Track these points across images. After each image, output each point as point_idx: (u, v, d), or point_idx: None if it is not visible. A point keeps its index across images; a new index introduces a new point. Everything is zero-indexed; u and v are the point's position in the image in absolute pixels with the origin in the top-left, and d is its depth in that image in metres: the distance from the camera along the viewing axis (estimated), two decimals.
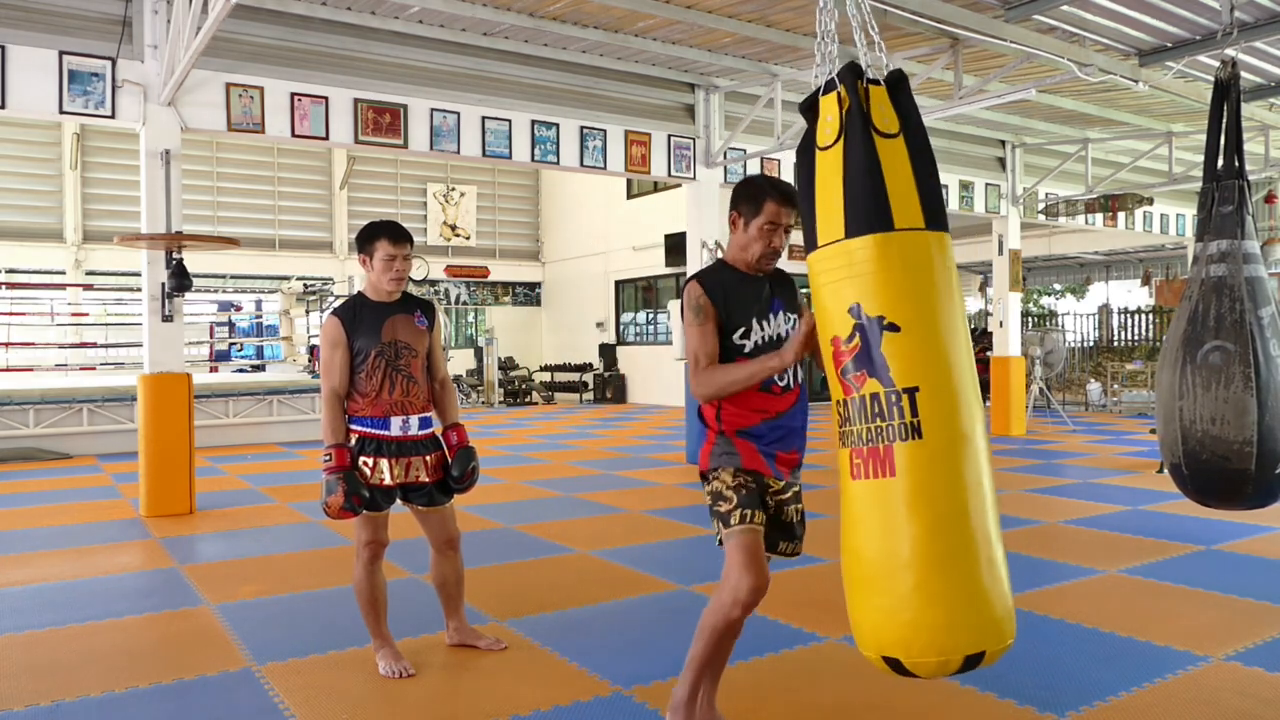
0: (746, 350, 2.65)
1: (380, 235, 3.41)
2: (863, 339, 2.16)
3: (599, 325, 20.19)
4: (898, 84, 2.29)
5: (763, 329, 2.67)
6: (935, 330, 2.15)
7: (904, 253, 2.16)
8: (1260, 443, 3.39)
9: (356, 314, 3.43)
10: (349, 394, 3.42)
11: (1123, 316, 19.95)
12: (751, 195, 2.67)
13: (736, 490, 2.60)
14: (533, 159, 8.49)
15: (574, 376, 20.04)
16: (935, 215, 2.21)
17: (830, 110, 2.28)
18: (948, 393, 2.12)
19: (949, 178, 11.57)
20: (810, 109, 2.35)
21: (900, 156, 2.21)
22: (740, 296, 2.67)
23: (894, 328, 2.13)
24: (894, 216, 2.16)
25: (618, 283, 19.79)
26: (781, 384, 2.64)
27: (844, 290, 2.19)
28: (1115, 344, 19.71)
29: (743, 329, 2.65)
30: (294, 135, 7.38)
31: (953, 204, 11.66)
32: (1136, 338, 19.49)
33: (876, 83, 2.27)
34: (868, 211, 2.17)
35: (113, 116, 6.65)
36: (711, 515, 2.66)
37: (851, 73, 2.27)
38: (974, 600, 2.07)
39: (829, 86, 2.30)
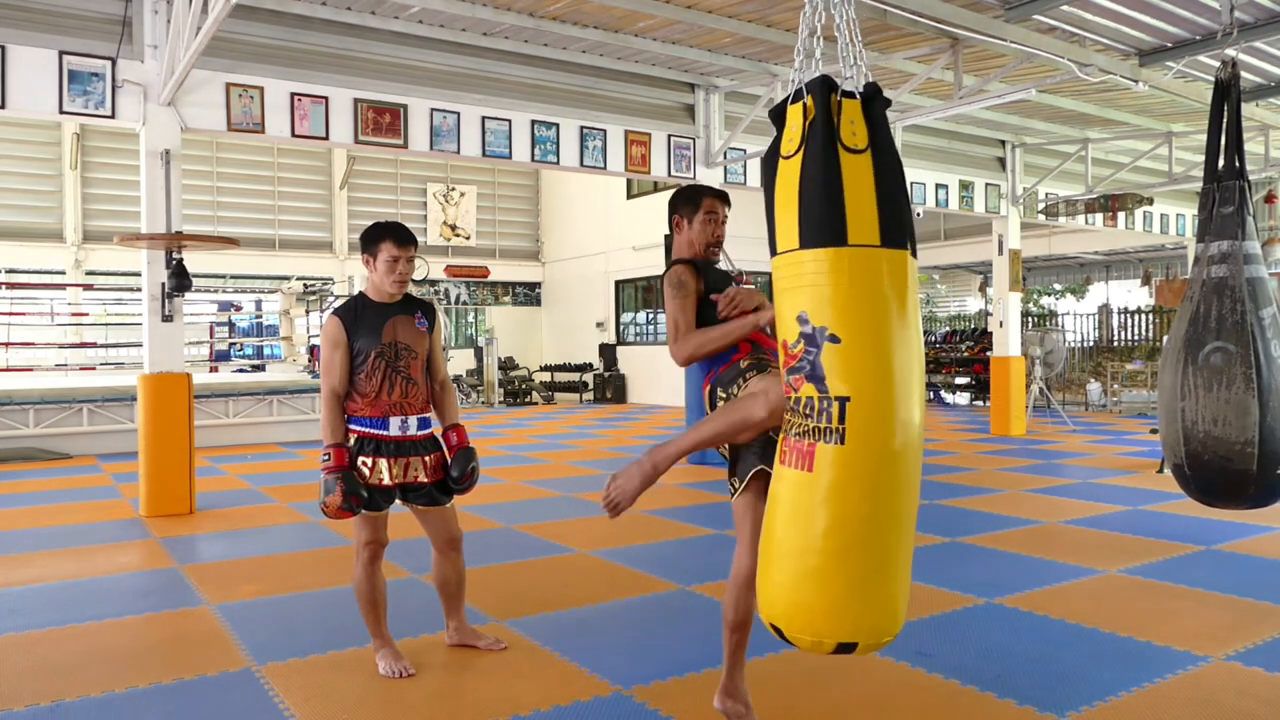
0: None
1: (385, 236, 3.41)
2: (807, 346, 2.27)
3: (599, 325, 20.19)
4: (873, 99, 2.33)
5: None
6: (875, 345, 2.24)
7: (854, 269, 2.24)
8: (1262, 443, 3.39)
9: (357, 314, 3.43)
10: (348, 394, 3.42)
11: (1123, 316, 19.95)
12: (689, 196, 3.06)
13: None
14: (533, 159, 8.48)
15: (574, 376, 20.04)
16: (893, 233, 2.28)
17: (795, 120, 2.34)
18: (878, 406, 2.23)
19: (949, 178, 11.58)
20: (780, 116, 2.40)
21: (865, 172, 2.27)
22: (711, 276, 3.00)
23: (835, 339, 2.23)
24: (848, 232, 2.24)
25: (618, 283, 19.79)
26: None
27: (794, 298, 2.31)
28: (1115, 344, 19.71)
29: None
30: (294, 135, 7.37)
31: (953, 204, 11.67)
32: (1136, 338, 19.50)
33: (851, 96, 2.31)
34: (821, 225, 2.25)
35: (113, 116, 6.65)
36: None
37: (822, 85, 2.31)
38: (857, 597, 2.24)
39: (797, 96, 2.35)
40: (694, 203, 3.04)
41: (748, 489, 2.78)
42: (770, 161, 2.41)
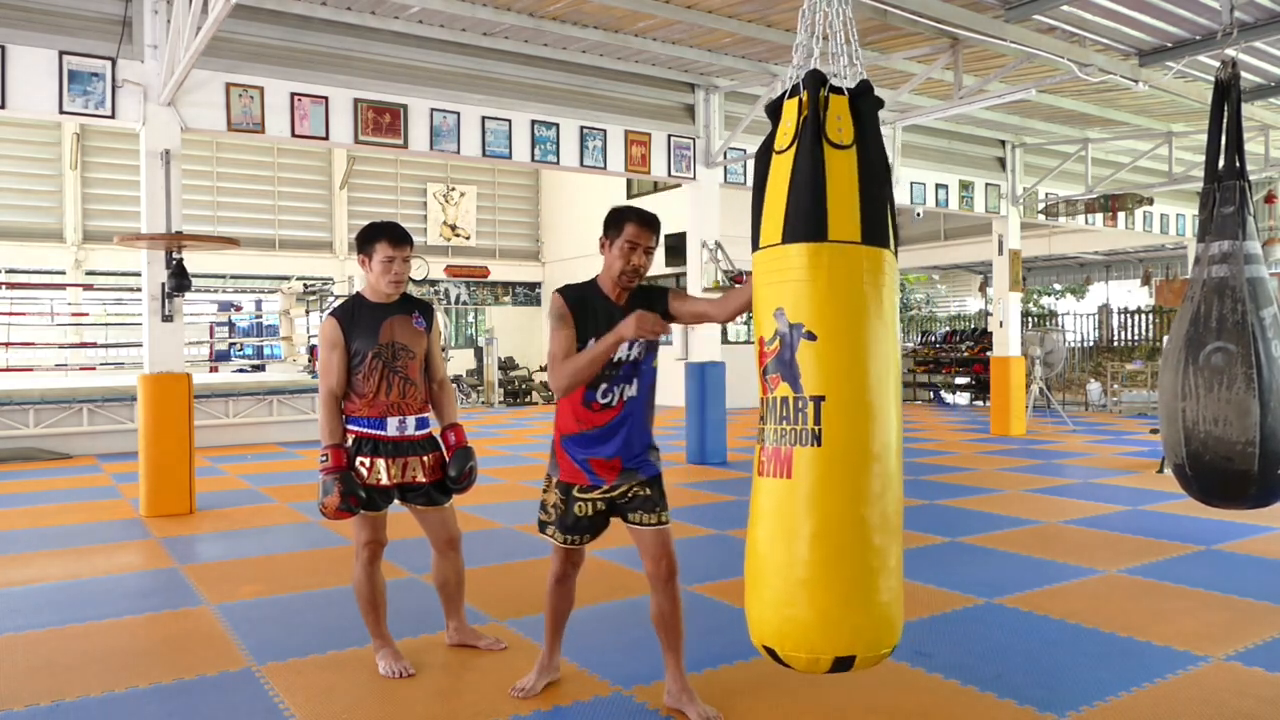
0: None
1: (380, 237, 3.40)
2: (782, 343, 2.24)
3: None
4: (861, 95, 2.32)
5: None
6: (853, 343, 2.21)
7: (833, 264, 2.21)
8: (1263, 443, 3.39)
9: (354, 315, 3.42)
10: (346, 395, 3.41)
11: (1123, 316, 19.96)
12: (614, 219, 2.94)
13: (555, 508, 3.08)
14: (533, 159, 8.48)
15: None
16: (874, 231, 2.25)
17: (790, 115, 2.33)
18: (855, 405, 2.19)
19: (949, 178, 11.57)
20: (775, 111, 2.40)
21: (848, 168, 2.25)
22: (594, 316, 2.91)
23: (811, 336, 2.20)
24: (829, 228, 2.21)
25: None
26: (602, 401, 2.93)
27: (773, 294, 2.27)
28: (1115, 344, 19.72)
29: (583, 346, 2.90)
30: (294, 135, 7.37)
31: (953, 204, 11.67)
32: (1136, 338, 19.50)
33: (839, 91, 2.30)
34: (805, 220, 2.23)
35: (113, 116, 6.65)
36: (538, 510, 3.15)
37: (814, 79, 2.30)
38: (851, 606, 2.16)
39: (793, 91, 2.35)
40: (618, 226, 2.90)
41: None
42: (764, 156, 2.39)
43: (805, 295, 2.20)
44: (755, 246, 2.37)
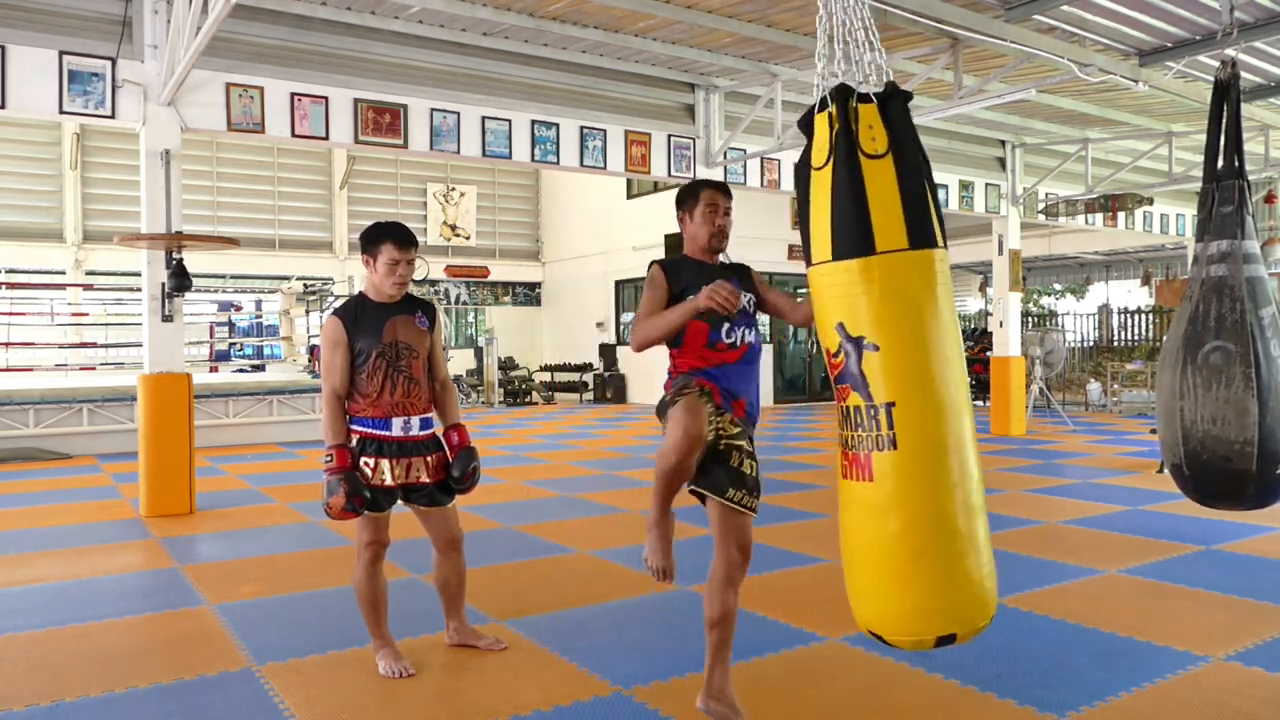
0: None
1: (386, 238, 3.39)
2: (847, 356, 2.32)
3: (599, 325, 20.17)
4: (890, 99, 2.34)
5: None
6: (915, 348, 2.28)
7: (885, 276, 2.28)
8: (1261, 443, 3.39)
9: (358, 314, 3.43)
10: (350, 394, 3.41)
11: (1123, 316, 19.97)
12: (689, 190, 3.09)
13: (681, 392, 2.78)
14: (533, 159, 8.48)
15: (574, 376, 20.03)
16: (920, 234, 2.30)
17: (822, 130, 2.38)
18: (925, 406, 2.27)
19: (949, 178, 11.57)
20: (807, 126, 2.44)
21: (887, 176, 2.30)
22: (696, 277, 2.94)
23: (874, 347, 2.28)
24: (876, 240, 2.28)
25: (618, 283, 19.78)
26: (727, 341, 2.91)
27: (832, 308, 2.36)
28: (1115, 344, 19.73)
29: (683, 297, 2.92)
30: (294, 135, 7.38)
31: (953, 204, 11.66)
32: (1136, 338, 19.52)
33: (868, 99, 2.33)
34: (851, 236, 2.30)
35: (113, 116, 6.65)
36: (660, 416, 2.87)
37: (841, 92, 2.33)
38: (944, 589, 2.28)
39: (822, 105, 2.38)
40: (693, 196, 3.08)
41: (709, 498, 2.90)
42: (803, 173, 2.44)
43: (862, 309, 2.29)
44: (809, 263, 2.44)
